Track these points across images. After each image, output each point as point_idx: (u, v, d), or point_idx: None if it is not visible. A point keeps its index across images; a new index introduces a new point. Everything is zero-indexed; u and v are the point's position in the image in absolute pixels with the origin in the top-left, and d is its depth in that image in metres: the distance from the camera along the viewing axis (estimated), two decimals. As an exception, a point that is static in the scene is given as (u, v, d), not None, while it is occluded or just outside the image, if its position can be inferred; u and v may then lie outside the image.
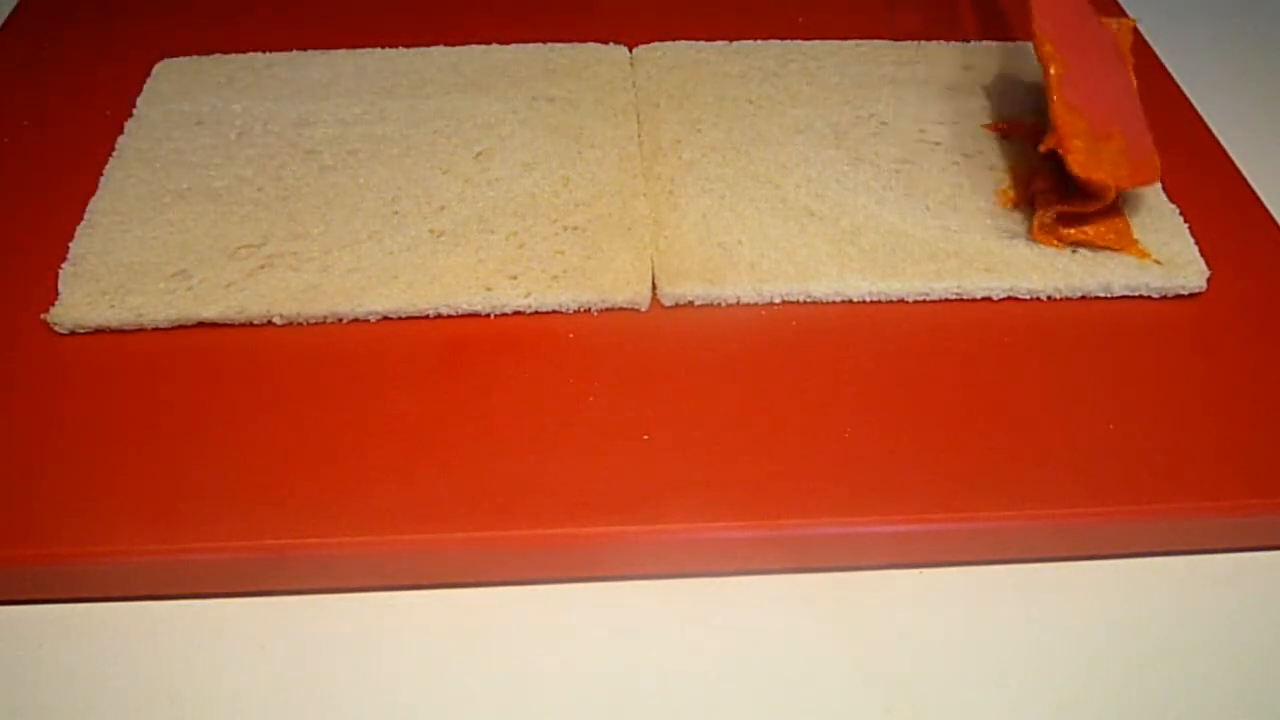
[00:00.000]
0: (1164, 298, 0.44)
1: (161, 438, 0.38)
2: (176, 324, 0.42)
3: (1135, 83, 0.47)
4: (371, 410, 0.39)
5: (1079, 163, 0.42)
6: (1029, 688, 0.35)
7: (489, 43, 0.55)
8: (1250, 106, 0.58)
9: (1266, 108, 0.59)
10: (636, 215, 0.46)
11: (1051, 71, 0.44)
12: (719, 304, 0.43)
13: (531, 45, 0.55)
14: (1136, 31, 0.49)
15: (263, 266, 0.43)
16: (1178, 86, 0.55)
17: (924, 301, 0.44)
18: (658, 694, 0.35)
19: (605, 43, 0.55)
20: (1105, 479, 0.38)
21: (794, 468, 0.38)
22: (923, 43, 0.56)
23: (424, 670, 0.35)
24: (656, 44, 0.55)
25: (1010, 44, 0.56)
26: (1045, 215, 0.45)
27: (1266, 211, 0.48)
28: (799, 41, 0.56)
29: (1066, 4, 0.47)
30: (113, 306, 0.42)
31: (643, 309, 0.43)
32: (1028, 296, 0.44)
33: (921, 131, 0.50)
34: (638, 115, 0.51)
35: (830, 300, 0.43)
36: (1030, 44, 0.46)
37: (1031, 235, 0.45)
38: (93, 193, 0.46)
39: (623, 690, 0.35)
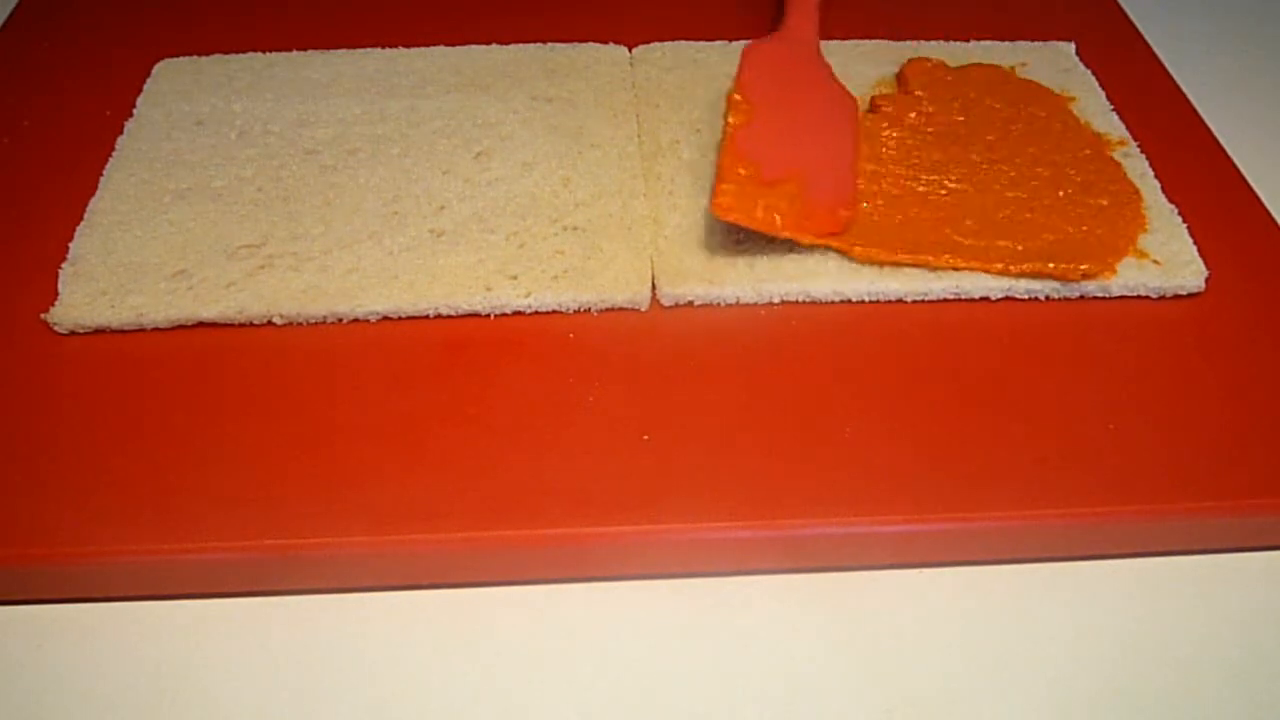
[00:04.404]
0: (1163, 298, 0.44)
1: (161, 438, 0.38)
2: (176, 324, 0.42)
3: (857, 151, 0.47)
4: (371, 410, 0.39)
5: (719, 205, 0.42)
6: (1029, 688, 0.35)
7: (489, 43, 0.55)
8: (1250, 106, 0.58)
9: (1266, 108, 0.59)
10: (636, 215, 0.46)
11: (730, 120, 0.45)
12: (719, 304, 0.43)
13: (531, 45, 0.55)
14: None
15: (263, 266, 0.43)
16: (1178, 86, 0.55)
17: (924, 301, 0.44)
18: (657, 694, 0.35)
19: (605, 43, 0.55)
20: (1105, 479, 0.38)
21: (794, 468, 0.38)
22: (921, 42, 0.56)
23: (423, 670, 0.35)
24: (656, 44, 0.55)
25: (1009, 44, 0.56)
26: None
27: (1266, 211, 0.48)
28: (799, 41, 0.56)
29: (790, 65, 0.49)
30: (113, 306, 0.42)
31: (642, 309, 0.43)
32: (1027, 296, 0.44)
33: (921, 131, 0.50)
34: (637, 115, 0.51)
35: (830, 300, 0.43)
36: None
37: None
38: (93, 193, 0.46)
39: (623, 690, 0.35)
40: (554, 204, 0.46)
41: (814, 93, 0.49)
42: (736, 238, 0.45)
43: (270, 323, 0.42)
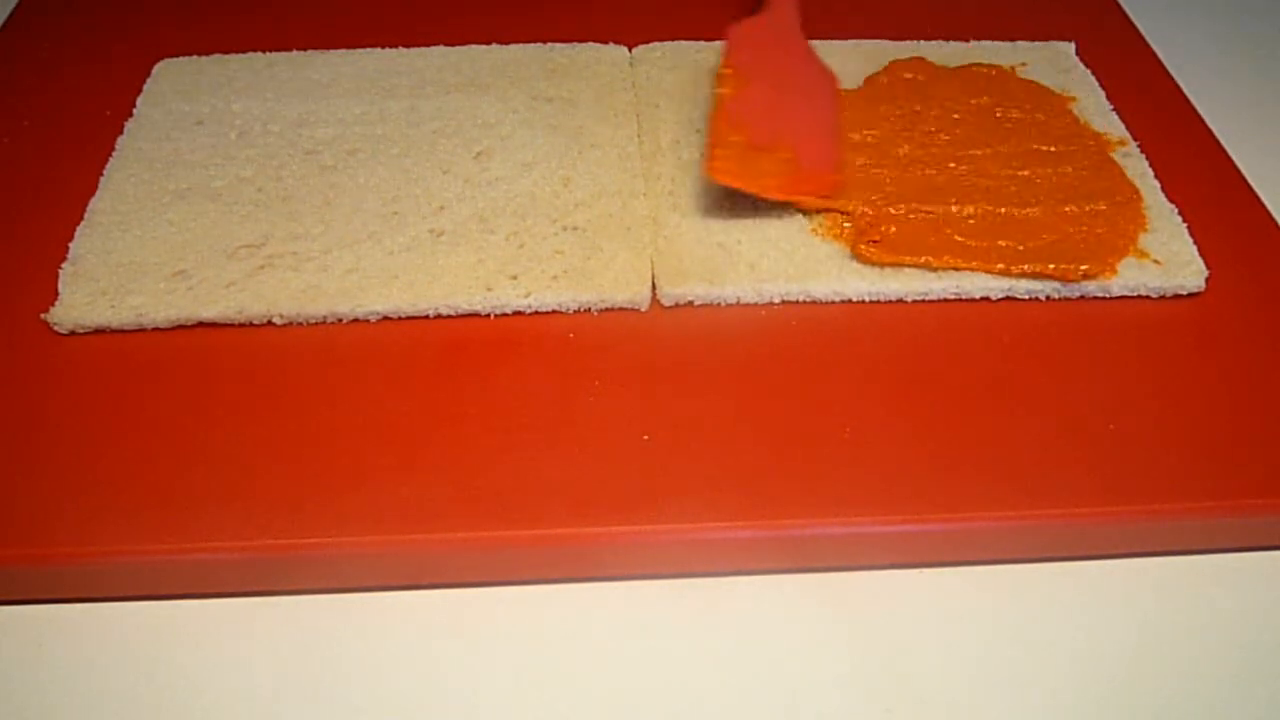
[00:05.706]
0: (1163, 298, 0.44)
1: (161, 438, 0.38)
2: (176, 324, 0.42)
3: (842, 125, 0.49)
4: (371, 410, 0.39)
5: (715, 168, 0.44)
6: (1029, 687, 0.35)
7: (489, 43, 0.55)
8: (1250, 106, 0.58)
9: (1266, 108, 0.59)
10: (636, 215, 0.46)
11: (720, 90, 0.47)
12: (719, 304, 0.43)
13: (531, 45, 0.55)
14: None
15: (263, 266, 0.43)
16: (1178, 86, 0.55)
17: (924, 301, 0.44)
18: (658, 694, 0.35)
19: (605, 43, 0.55)
20: (1105, 479, 0.38)
21: (794, 468, 0.38)
22: (921, 42, 0.56)
23: (424, 670, 0.35)
24: (656, 44, 0.55)
25: (1009, 44, 0.56)
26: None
27: (1266, 211, 0.48)
28: (799, 41, 0.56)
29: (773, 42, 0.50)
30: (113, 306, 0.42)
31: (642, 309, 0.43)
32: (1027, 297, 0.44)
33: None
34: (637, 115, 0.51)
35: (830, 300, 0.43)
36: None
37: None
38: (93, 193, 0.46)
39: (623, 690, 0.35)
40: (554, 204, 0.46)
41: (796, 67, 0.50)
42: (736, 238, 0.45)
43: (270, 323, 0.42)
